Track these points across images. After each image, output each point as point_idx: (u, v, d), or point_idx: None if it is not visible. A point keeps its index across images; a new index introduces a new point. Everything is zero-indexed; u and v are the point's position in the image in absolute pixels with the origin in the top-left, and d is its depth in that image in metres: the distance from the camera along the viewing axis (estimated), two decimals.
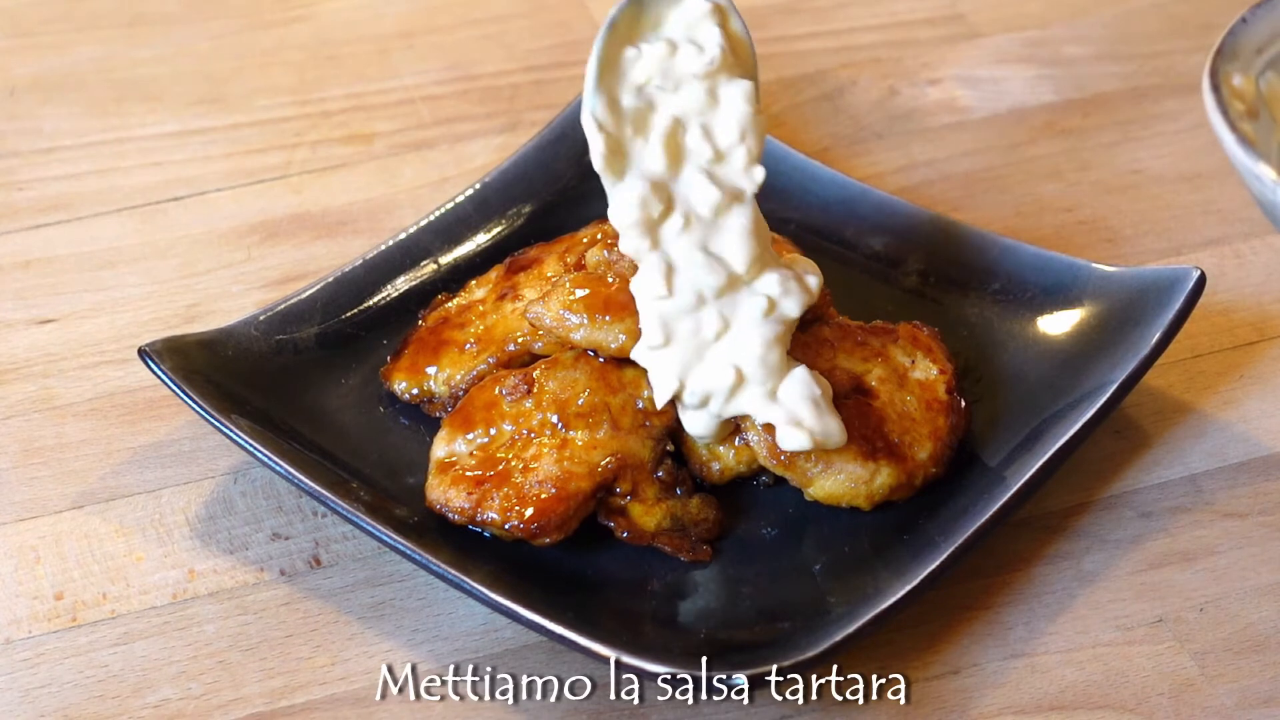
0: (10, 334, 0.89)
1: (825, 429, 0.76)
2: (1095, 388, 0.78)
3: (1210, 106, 0.71)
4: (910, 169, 0.98)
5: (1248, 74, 0.73)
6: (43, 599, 0.77)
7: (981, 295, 0.86)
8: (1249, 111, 0.72)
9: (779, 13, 1.09)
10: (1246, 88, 0.73)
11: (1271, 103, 0.74)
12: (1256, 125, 0.72)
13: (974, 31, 1.08)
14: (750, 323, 0.76)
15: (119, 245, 0.94)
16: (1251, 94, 0.73)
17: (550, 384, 0.78)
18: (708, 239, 0.77)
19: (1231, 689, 0.73)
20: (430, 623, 0.76)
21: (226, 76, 1.05)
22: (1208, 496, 0.80)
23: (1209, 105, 0.71)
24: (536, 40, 1.07)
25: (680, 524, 0.77)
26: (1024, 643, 0.75)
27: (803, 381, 0.76)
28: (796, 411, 0.75)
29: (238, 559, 0.78)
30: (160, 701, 0.73)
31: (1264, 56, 0.75)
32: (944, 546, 0.73)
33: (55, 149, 1.00)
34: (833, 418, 0.76)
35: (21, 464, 0.82)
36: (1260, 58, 0.75)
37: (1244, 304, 0.89)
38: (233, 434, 0.77)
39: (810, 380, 0.76)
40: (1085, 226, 0.94)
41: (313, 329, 0.84)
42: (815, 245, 0.86)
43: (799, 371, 0.76)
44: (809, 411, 0.76)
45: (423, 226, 0.88)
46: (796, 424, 0.75)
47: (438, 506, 0.76)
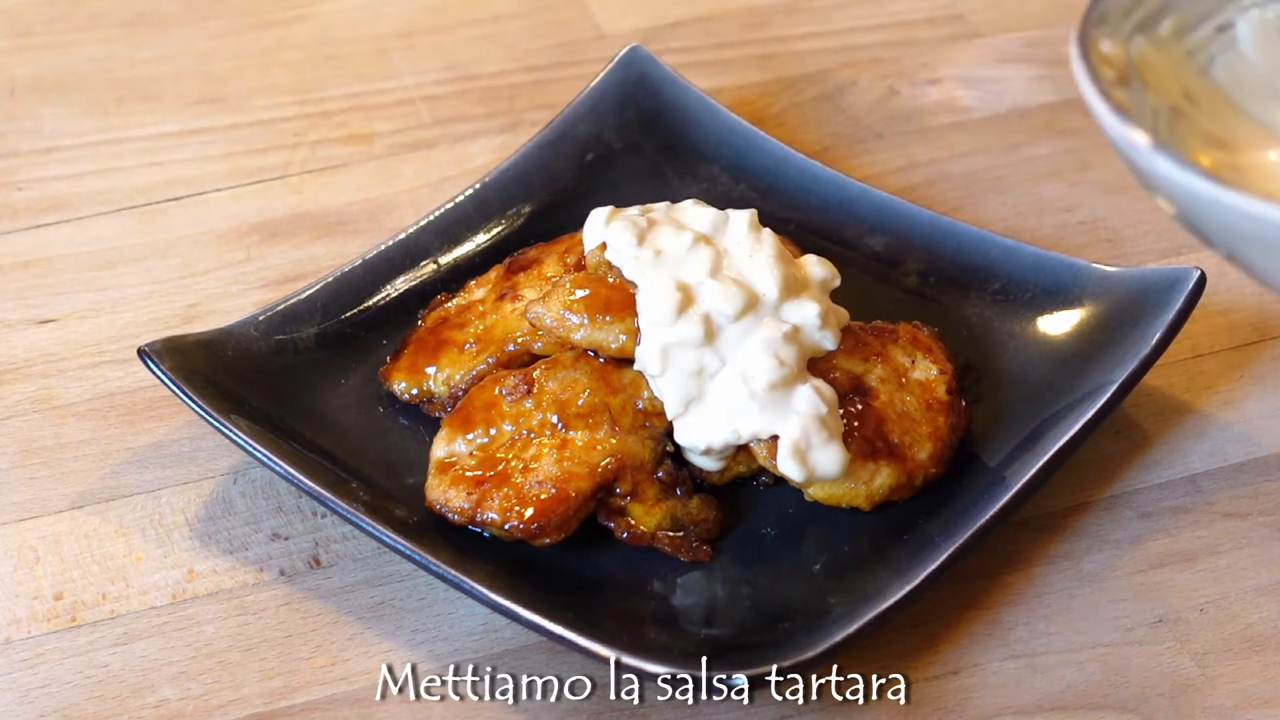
0: (10, 334, 0.89)
1: (824, 466, 0.76)
2: (1095, 388, 0.78)
3: (1080, 75, 0.68)
4: (910, 169, 0.98)
5: (1116, 39, 0.70)
6: (42, 599, 0.77)
7: (981, 295, 0.86)
8: (1120, 79, 0.69)
9: (779, 13, 1.09)
10: (1116, 53, 0.70)
11: (1143, 68, 0.71)
12: (1129, 92, 0.69)
13: (974, 31, 1.08)
14: (763, 348, 0.76)
15: (119, 245, 0.94)
16: (1121, 59, 0.70)
17: (550, 384, 0.78)
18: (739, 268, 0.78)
19: (1231, 689, 0.73)
20: (430, 623, 0.76)
21: (226, 76, 1.05)
22: (1208, 497, 0.80)
23: (1078, 73, 0.68)
24: (536, 40, 1.07)
25: (680, 524, 0.77)
26: (1024, 643, 0.75)
27: (808, 400, 0.76)
28: (800, 438, 0.76)
29: (237, 559, 0.78)
30: (160, 702, 0.73)
31: (1132, 19, 0.72)
32: (944, 546, 0.73)
33: (55, 149, 1.00)
34: (835, 447, 0.76)
35: (21, 464, 0.82)
36: (1128, 21, 0.72)
37: (1244, 304, 0.89)
38: (233, 434, 0.77)
39: (818, 401, 0.76)
40: (1085, 226, 0.94)
41: (313, 329, 0.84)
42: (815, 245, 0.86)
43: (805, 391, 0.76)
44: (814, 438, 0.76)
45: (423, 226, 0.88)
46: (799, 455, 0.76)
47: (438, 507, 0.76)
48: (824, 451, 0.76)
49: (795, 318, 0.78)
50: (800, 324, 0.77)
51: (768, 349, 0.76)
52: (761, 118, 1.00)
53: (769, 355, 0.76)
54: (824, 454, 0.76)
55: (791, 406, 0.76)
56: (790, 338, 0.77)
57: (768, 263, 0.78)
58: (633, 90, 0.95)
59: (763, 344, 0.76)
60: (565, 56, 1.06)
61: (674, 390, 0.76)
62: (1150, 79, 0.71)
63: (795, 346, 0.77)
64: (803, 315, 0.78)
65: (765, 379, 0.76)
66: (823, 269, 0.80)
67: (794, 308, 0.78)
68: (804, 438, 0.75)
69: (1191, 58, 0.72)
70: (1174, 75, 0.71)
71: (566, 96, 0.98)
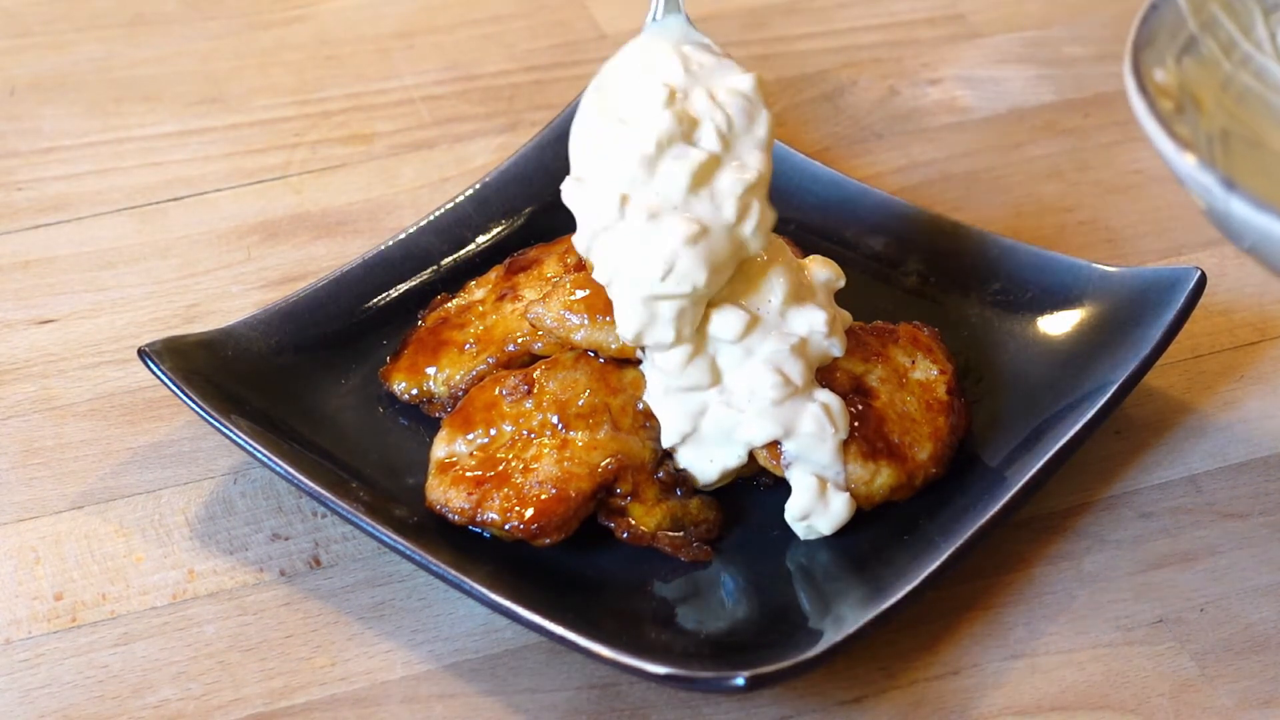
0: (10, 334, 0.89)
1: (832, 518, 0.76)
2: (1095, 388, 0.78)
3: (1140, 112, 0.64)
4: (910, 169, 0.98)
5: (1166, 66, 0.68)
6: (42, 599, 0.77)
7: (981, 295, 0.86)
8: (1177, 108, 0.67)
9: (779, 13, 1.09)
10: (1170, 81, 0.67)
11: (1194, 92, 0.68)
12: (1184, 119, 0.67)
13: (974, 31, 1.08)
14: (766, 365, 0.76)
15: (119, 245, 0.94)
16: (1174, 87, 0.67)
17: (551, 384, 0.78)
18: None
19: (1231, 689, 0.73)
20: (430, 623, 0.76)
21: (226, 76, 1.05)
22: (1208, 497, 0.80)
23: (1137, 109, 0.64)
24: (536, 40, 1.07)
25: (680, 525, 0.77)
26: (1024, 643, 0.75)
27: (816, 419, 0.76)
28: (808, 502, 0.76)
29: (237, 559, 0.78)
30: (160, 702, 0.73)
31: (1178, 41, 0.69)
32: (944, 546, 0.73)
33: (55, 149, 1.00)
34: (842, 500, 0.76)
35: (21, 464, 0.82)
36: (1175, 43, 0.69)
37: (1244, 304, 0.89)
38: (233, 434, 0.77)
39: (825, 421, 0.76)
40: (1085, 226, 0.94)
41: (313, 329, 0.84)
42: (815, 245, 0.86)
43: (814, 410, 0.76)
44: (818, 502, 0.76)
45: (423, 226, 0.88)
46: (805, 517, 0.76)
47: (438, 507, 0.76)
48: (833, 504, 0.76)
49: (802, 328, 0.77)
50: (807, 335, 0.77)
51: (770, 365, 0.76)
52: None
53: (772, 372, 0.76)
54: (833, 505, 0.76)
55: (798, 419, 0.76)
56: (798, 350, 0.76)
57: (777, 271, 0.78)
58: None
59: (766, 361, 0.76)
60: (565, 56, 1.06)
61: (671, 426, 0.76)
62: (1202, 102, 0.69)
63: (802, 360, 0.76)
64: (809, 324, 0.77)
65: (769, 396, 0.75)
66: (827, 270, 0.80)
67: (800, 316, 0.77)
68: (811, 501, 0.76)
69: (1236, 75, 0.71)
70: (1220, 95, 0.69)
71: (566, 96, 0.98)
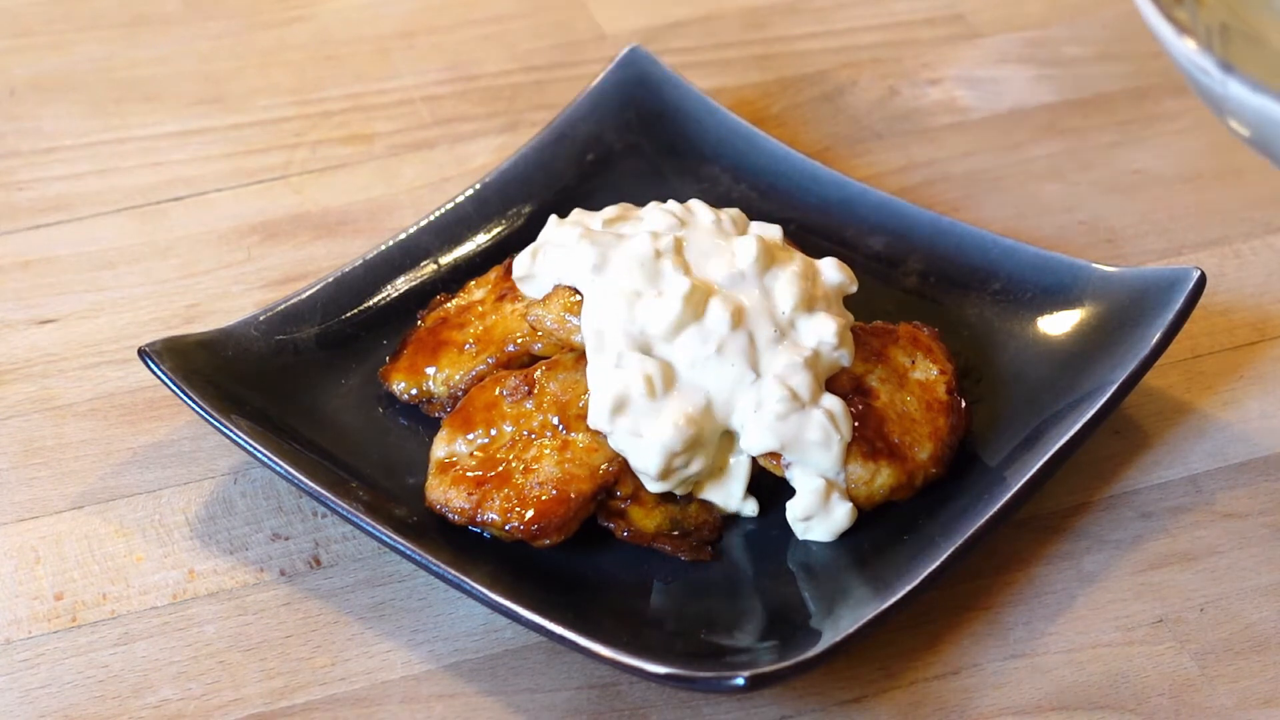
0: (10, 334, 0.89)
1: (832, 525, 0.76)
2: (1095, 388, 0.78)
3: (1141, 1, 0.67)
4: (910, 169, 0.98)
5: None
6: (43, 599, 0.77)
7: (981, 295, 0.86)
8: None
9: (779, 13, 1.09)
10: None
11: None
12: (1182, 8, 0.68)
13: (974, 31, 1.08)
14: (779, 379, 0.76)
15: (119, 245, 0.94)
16: None
17: (551, 385, 0.78)
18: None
19: (1231, 689, 0.73)
20: (430, 623, 0.76)
21: (226, 76, 1.05)
22: (1208, 496, 0.80)
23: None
24: (536, 40, 1.07)
25: (680, 527, 0.77)
26: (1024, 643, 0.75)
27: (822, 426, 0.76)
28: (811, 504, 0.76)
29: (238, 559, 0.78)
30: (160, 702, 0.73)
31: None
32: (944, 546, 0.73)
33: (55, 149, 1.00)
34: (844, 507, 0.76)
35: (21, 464, 0.82)
36: None
37: (1244, 304, 0.89)
38: (233, 434, 0.77)
39: (830, 428, 0.76)
40: (1085, 227, 0.94)
41: (313, 329, 0.84)
42: (815, 245, 0.86)
43: (818, 415, 0.76)
44: (821, 508, 0.76)
45: (423, 226, 0.88)
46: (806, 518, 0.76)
47: (438, 507, 0.76)
48: (835, 512, 0.76)
49: (812, 340, 0.77)
50: (817, 346, 0.77)
51: (780, 381, 0.75)
52: (761, 118, 1.00)
53: (781, 387, 0.75)
54: (835, 513, 0.76)
55: (803, 430, 0.76)
56: (809, 364, 0.76)
57: (789, 277, 0.77)
58: (633, 90, 0.95)
59: (776, 377, 0.76)
60: (565, 57, 1.06)
61: (650, 467, 0.76)
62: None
63: (811, 374, 0.76)
64: (819, 335, 0.77)
65: (775, 411, 0.75)
66: (840, 274, 0.80)
67: (810, 325, 0.77)
68: (815, 505, 0.76)
69: None
70: None
71: (566, 96, 0.98)
